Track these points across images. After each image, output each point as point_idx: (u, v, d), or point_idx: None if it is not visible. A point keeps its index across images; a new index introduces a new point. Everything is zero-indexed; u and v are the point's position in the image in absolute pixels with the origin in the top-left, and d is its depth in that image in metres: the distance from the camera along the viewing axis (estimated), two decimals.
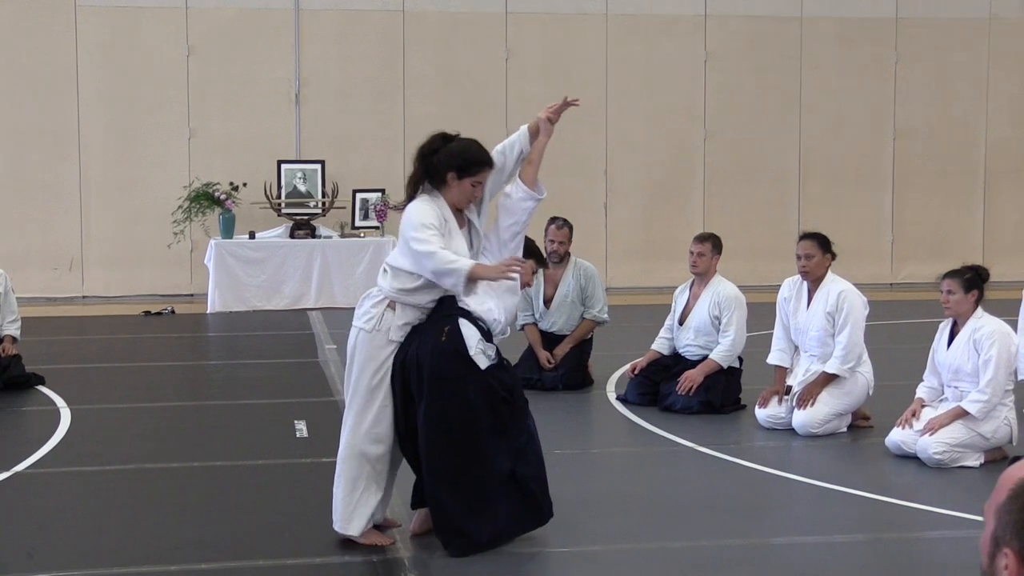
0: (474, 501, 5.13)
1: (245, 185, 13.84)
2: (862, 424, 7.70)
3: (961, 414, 6.69)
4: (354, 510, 5.29)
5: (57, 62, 14.19)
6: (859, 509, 6.00)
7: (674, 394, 8.12)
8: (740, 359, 8.27)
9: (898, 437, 6.89)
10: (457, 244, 5.16)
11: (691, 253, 8.33)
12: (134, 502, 6.10)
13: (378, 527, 5.39)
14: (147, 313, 13.25)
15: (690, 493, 6.28)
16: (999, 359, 6.64)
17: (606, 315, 9.05)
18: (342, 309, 12.51)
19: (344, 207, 14.04)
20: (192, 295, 14.30)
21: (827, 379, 7.50)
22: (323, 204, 14.06)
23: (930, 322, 7.85)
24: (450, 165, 5.17)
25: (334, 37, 14.73)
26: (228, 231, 13.70)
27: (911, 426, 6.85)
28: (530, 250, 6.59)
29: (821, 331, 7.57)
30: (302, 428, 7.60)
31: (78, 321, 12.92)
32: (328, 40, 14.71)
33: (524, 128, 5.47)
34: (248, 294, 13.51)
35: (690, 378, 8.10)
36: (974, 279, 6.76)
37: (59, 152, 14.26)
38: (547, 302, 9.04)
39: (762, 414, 7.70)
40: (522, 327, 8.97)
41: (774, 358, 7.85)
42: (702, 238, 8.41)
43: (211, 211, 13.72)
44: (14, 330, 9.02)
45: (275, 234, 13.93)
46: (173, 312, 13.39)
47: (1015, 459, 6.33)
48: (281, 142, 14.55)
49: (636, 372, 8.46)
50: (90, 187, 14.31)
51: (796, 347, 7.83)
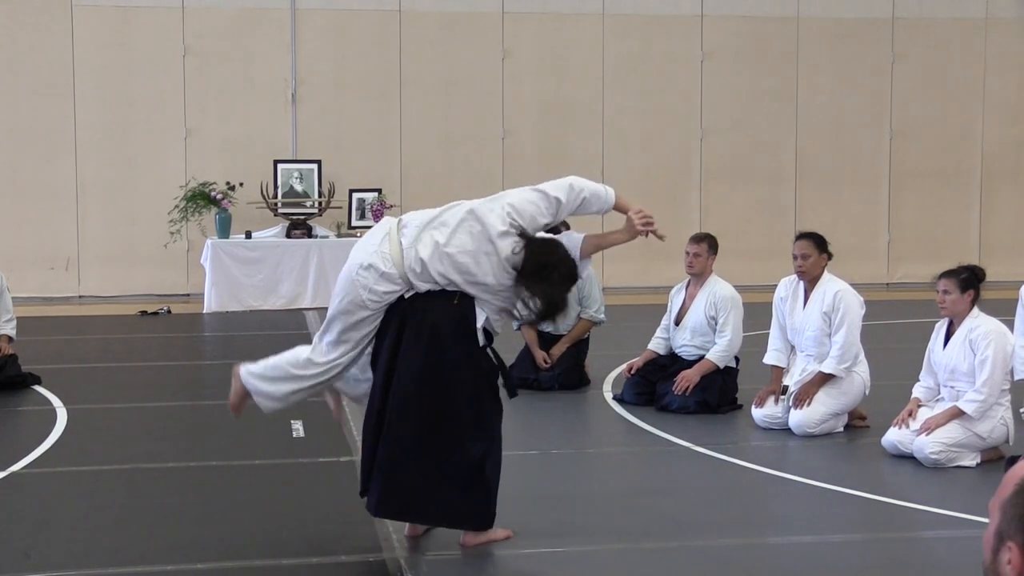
0: (430, 468, 5.03)
1: (241, 185, 13.84)
2: (858, 424, 7.71)
3: (957, 414, 6.69)
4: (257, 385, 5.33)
5: (53, 61, 14.17)
6: (855, 509, 6.01)
7: (670, 394, 8.12)
8: (737, 359, 8.27)
9: (894, 437, 6.90)
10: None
11: (687, 253, 8.33)
12: (130, 502, 6.09)
13: None
14: (143, 313, 13.24)
15: (686, 493, 6.28)
16: (995, 359, 6.64)
17: (603, 315, 9.05)
18: None
19: (340, 207, 14.04)
20: (188, 295, 14.29)
21: (823, 379, 7.50)
22: (319, 204, 14.06)
23: (926, 322, 7.85)
24: (528, 286, 5.03)
25: (330, 36, 14.72)
26: (224, 231, 13.70)
27: (907, 426, 6.86)
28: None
29: (817, 331, 7.57)
30: (298, 428, 7.60)
31: (74, 321, 12.90)
32: (324, 39, 14.70)
33: (613, 195, 5.31)
34: (244, 294, 13.51)
35: (686, 378, 8.10)
36: (970, 279, 6.77)
37: (55, 151, 14.24)
38: None
39: (758, 414, 7.70)
40: (519, 327, 8.96)
41: (770, 358, 7.85)
42: (698, 238, 8.41)
43: (207, 211, 13.71)
44: (10, 330, 9.01)
45: (271, 234, 13.93)
46: (169, 312, 13.38)
47: (1014, 458, 6.35)
48: (277, 142, 14.54)
49: (633, 372, 8.46)
50: (86, 187, 14.30)
51: (792, 347, 7.83)
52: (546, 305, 5.01)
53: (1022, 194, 16.13)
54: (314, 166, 14.19)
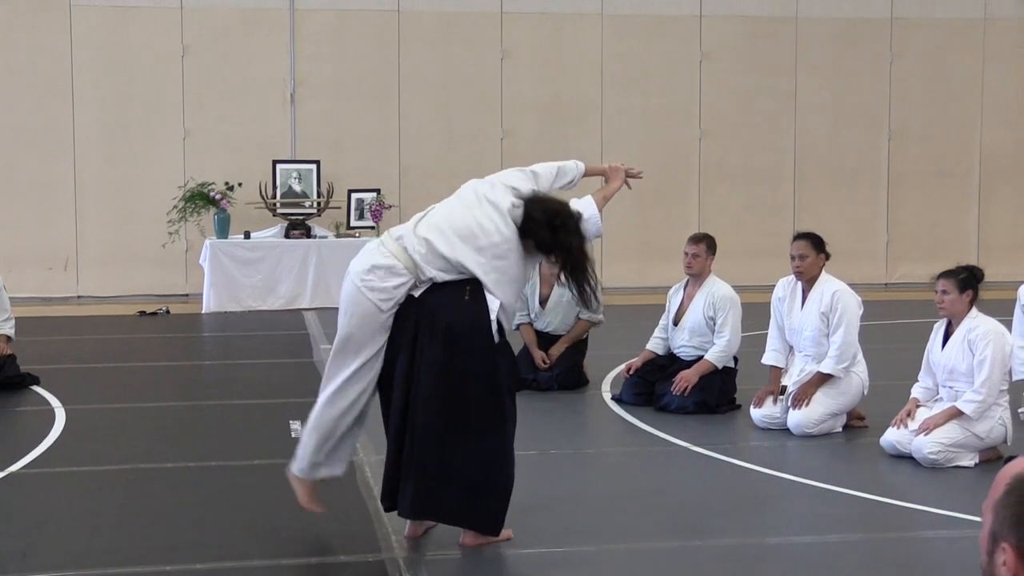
0: (456, 466, 5.07)
1: (240, 185, 13.84)
2: (857, 424, 7.71)
3: (956, 414, 6.69)
4: (316, 466, 5.34)
5: (52, 62, 14.17)
6: (854, 509, 6.01)
7: (669, 394, 8.13)
8: (735, 359, 8.28)
9: (893, 437, 6.90)
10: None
11: (686, 254, 8.33)
12: (129, 502, 6.09)
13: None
14: (142, 313, 13.24)
15: (685, 493, 6.28)
16: (994, 359, 6.64)
17: (601, 316, 9.05)
18: (337, 309, 12.49)
19: (339, 207, 14.04)
20: (187, 295, 14.29)
21: (822, 379, 7.51)
22: (318, 204, 14.06)
23: (925, 322, 7.85)
24: (543, 249, 5.19)
25: (329, 37, 14.72)
26: (223, 231, 13.70)
27: (906, 426, 6.86)
28: None
29: (815, 331, 7.57)
30: (297, 428, 7.58)
31: (73, 321, 12.90)
32: (323, 40, 14.70)
33: (583, 166, 5.69)
34: (243, 294, 13.51)
35: (685, 378, 8.11)
36: (969, 279, 6.77)
37: (54, 152, 14.24)
38: (543, 302, 9.04)
39: (757, 414, 7.71)
40: (518, 327, 8.97)
41: (769, 358, 7.86)
42: (697, 238, 8.41)
43: (206, 211, 13.71)
44: (8, 329, 9.01)
45: (270, 234, 13.93)
46: (168, 312, 13.38)
47: (1010, 458, 6.36)
48: (276, 142, 14.55)
49: (631, 372, 8.46)
50: (85, 187, 14.30)
51: (791, 347, 7.83)
52: (567, 256, 5.17)
53: (1021, 194, 16.14)
54: (313, 166, 14.19)
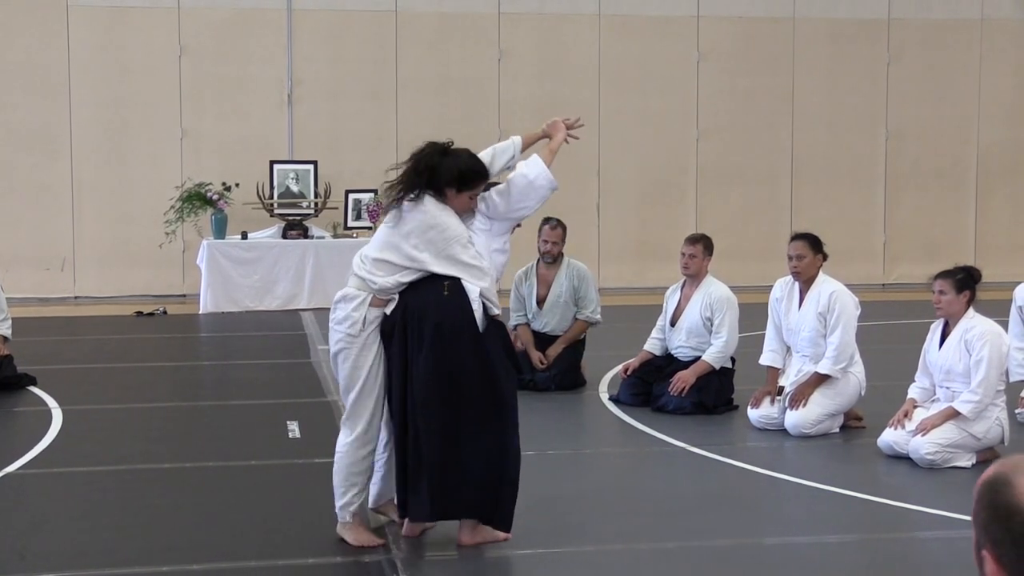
0: (465, 463, 5.12)
1: (237, 185, 13.82)
2: (854, 424, 7.71)
3: (953, 414, 6.70)
4: (349, 507, 5.33)
5: (49, 62, 14.16)
6: (851, 509, 6.01)
7: (667, 395, 8.13)
8: (732, 360, 8.28)
9: (890, 437, 6.91)
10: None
11: (683, 255, 8.33)
12: (126, 503, 6.09)
13: (377, 520, 5.42)
14: (139, 313, 13.23)
15: (682, 493, 6.28)
16: (990, 359, 6.65)
17: (599, 316, 9.05)
18: None
19: (337, 207, 14.03)
20: (184, 295, 14.28)
21: (819, 380, 7.51)
22: (316, 204, 14.05)
23: (922, 323, 7.85)
24: (450, 182, 5.21)
25: (327, 37, 14.71)
26: (220, 231, 13.68)
27: (903, 426, 6.87)
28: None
29: (813, 332, 7.57)
30: (294, 429, 7.59)
31: (70, 321, 12.89)
32: (321, 40, 14.69)
33: (518, 138, 5.61)
34: (240, 295, 13.49)
35: (682, 379, 8.10)
36: (966, 280, 6.77)
37: (51, 152, 14.23)
38: (540, 302, 9.04)
39: (754, 415, 7.71)
40: (515, 327, 8.97)
41: (766, 359, 7.86)
42: (694, 239, 8.42)
43: (203, 211, 13.69)
44: (5, 330, 8.99)
45: (267, 234, 13.92)
46: (165, 312, 13.37)
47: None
48: (273, 142, 14.53)
49: (629, 373, 8.46)
50: (82, 187, 14.28)
51: (788, 348, 7.84)
52: (459, 171, 5.21)
53: (1018, 194, 16.14)
54: (310, 167, 14.18)
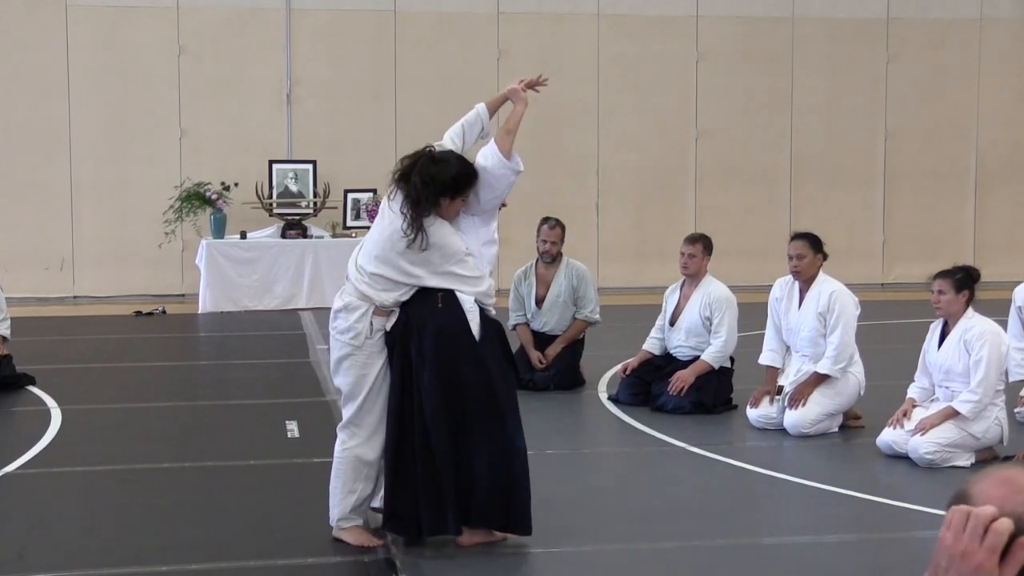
0: (473, 470, 5.14)
1: (236, 185, 13.82)
2: (853, 424, 7.71)
3: (952, 414, 6.70)
4: (348, 510, 5.31)
5: (48, 62, 14.15)
6: (850, 509, 6.01)
7: (666, 394, 8.13)
8: (732, 359, 8.28)
9: (889, 437, 6.90)
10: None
11: (682, 254, 8.33)
12: (125, 503, 6.09)
13: (370, 522, 5.41)
14: (138, 313, 13.22)
15: (681, 493, 6.28)
16: (990, 359, 6.64)
17: (598, 316, 9.05)
18: None
19: (336, 207, 14.03)
20: (183, 295, 14.27)
21: (818, 379, 7.51)
22: (315, 204, 14.05)
23: (921, 322, 7.85)
24: (444, 193, 5.18)
25: (325, 37, 14.71)
26: (219, 231, 13.68)
27: (902, 426, 6.86)
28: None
29: (813, 331, 7.57)
30: (293, 428, 7.59)
31: (69, 321, 12.88)
32: (319, 40, 14.69)
33: (482, 105, 5.52)
34: (239, 294, 13.49)
35: (681, 378, 8.10)
36: (965, 279, 6.77)
37: (50, 152, 14.22)
38: (539, 302, 9.03)
39: (753, 414, 7.71)
40: (514, 327, 8.97)
41: (765, 358, 7.86)
42: (693, 239, 8.41)
43: (202, 211, 13.69)
44: (4, 330, 8.99)
45: (266, 234, 13.91)
46: (164, 312, 13.37)
47: (1008, 459, 6.35)
48: (272, 142, 14.53)
49: (628, 372, 8.46)
50: (81, 187, 14.28)
51: (787, 347, 7.83)
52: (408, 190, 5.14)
53: (1017, 194, 16.14)
54: (309, 166, 14.18)
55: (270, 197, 14.00)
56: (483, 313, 5.23)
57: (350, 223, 14.01)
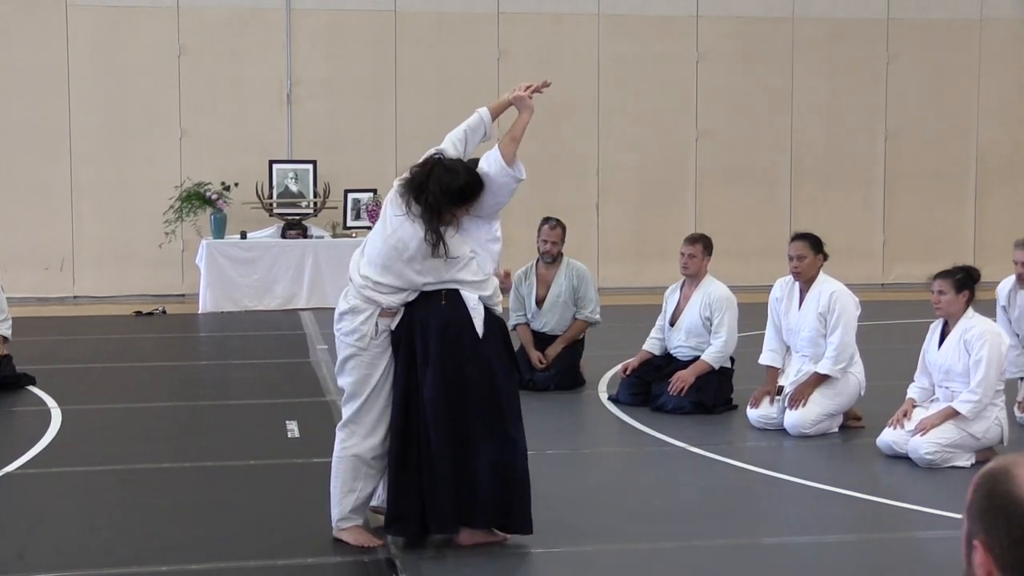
0: (476, 470, 5.15)
1: (236, 185, 13.81)
2: (853, 424, 7.71)
3: (952, 414, 6.70)
4: (348, 510, 5.31)
5: (48, 61, 14.15)
6: (850, 509, 6.01)
7: (666, 394, 8.12)
8: (732, 359, 8.27)
9: (889, 437, 6.90)
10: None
11: (682, 255, 8.33)
12: (125, 503, 6.09)
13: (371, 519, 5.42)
14: (138, 313, 13.22)
15: (681, 493, 6.28)
16: (990, 359, 6.64)
17: (598, 316, 9.05)
18: (334, 309, 12.48)
19: (336, 207, 14.03)
20: (183, 295, 14.27)
21: (819, 379, 7.51)
22: (315, 204, 14.05)
23: (921, 322, 7.85)
24: (454, 204, 5.16)
25: (326, 37, 14.71)
26: (219, 231, 13.68)
27: (902, 426, 6.86)
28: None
29: (813, 332, 7.57)
30: (293, 428, 7.59)
31: (69, 321, 12.88)
32: (320, 40, 14.69)
33: (485, 110, 5.45)
34: (239, 294, 13.49)
35: (682, 379, 8.10)
36: (965, 279, 6.77)
37: (50, 152, 14.22)
38: (539, 302, 9.03)
39: (753, 414, 7.70)
40: (514, 327, 8.96)
41: (766, 358, 7.85)
42: (693, 239, 8.41)
43: (202, 211, 13.69)
44: (5, 330, 8.99)
45: (267, 234, 13.91)
46: (164, 312, 13.36)
47: None
48: (273, 142, 14.53)
49: (628, 372, 8.46)
50: (81, 187, 14.27)
51: (788, 347, 7.83)
52: (424, 203, 5.10)
53: (1017, 194, 16.14)
54: (309, 166, 14.17)
55: (270, 197, 14.00)
56: (488, 311, 5.23)
57: (350, 223, 14.01)
